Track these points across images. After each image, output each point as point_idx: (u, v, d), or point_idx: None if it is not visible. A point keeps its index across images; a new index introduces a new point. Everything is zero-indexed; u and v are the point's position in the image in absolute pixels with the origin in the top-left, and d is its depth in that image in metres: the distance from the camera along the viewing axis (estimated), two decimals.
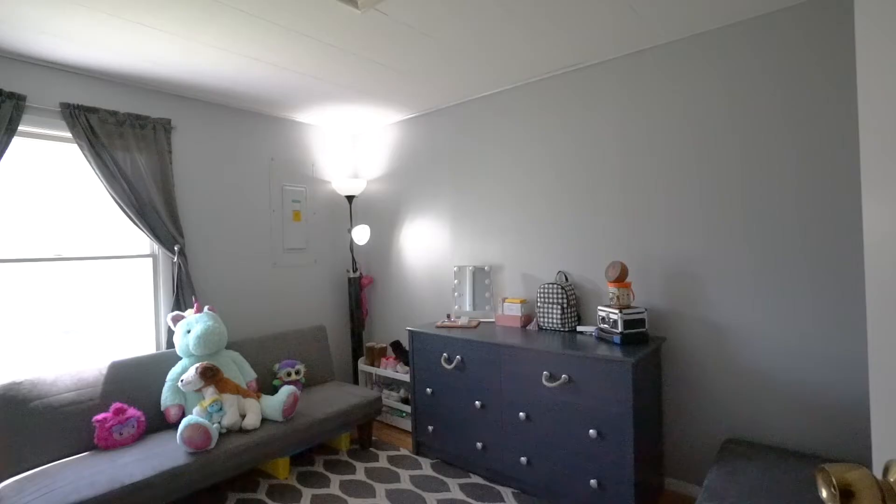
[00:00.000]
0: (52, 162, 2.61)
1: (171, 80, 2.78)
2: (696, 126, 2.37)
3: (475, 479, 2.64)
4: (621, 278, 2.41)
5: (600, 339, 2.45)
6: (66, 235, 2.63)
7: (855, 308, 2.01)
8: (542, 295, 2.76)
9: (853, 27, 1.96)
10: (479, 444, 2.60)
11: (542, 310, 2.76)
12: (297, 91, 3.02)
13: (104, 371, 2.46)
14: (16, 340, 2.46)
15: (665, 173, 2.48)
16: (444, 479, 2.64)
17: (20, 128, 2.44)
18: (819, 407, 2.10)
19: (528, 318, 2.91)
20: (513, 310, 2.90)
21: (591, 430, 2.16)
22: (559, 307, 2.68)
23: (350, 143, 4.10)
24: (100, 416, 2.29)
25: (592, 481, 2.16)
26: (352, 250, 3.86)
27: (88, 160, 2.59)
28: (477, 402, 2.60)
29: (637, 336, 2.33)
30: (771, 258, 2.19)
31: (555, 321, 2.70)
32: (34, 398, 2.23)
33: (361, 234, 3.70)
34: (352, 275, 3.80)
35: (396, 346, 3.50)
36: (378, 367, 3.57)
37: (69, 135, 2.57)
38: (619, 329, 2.32)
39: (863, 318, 1.99)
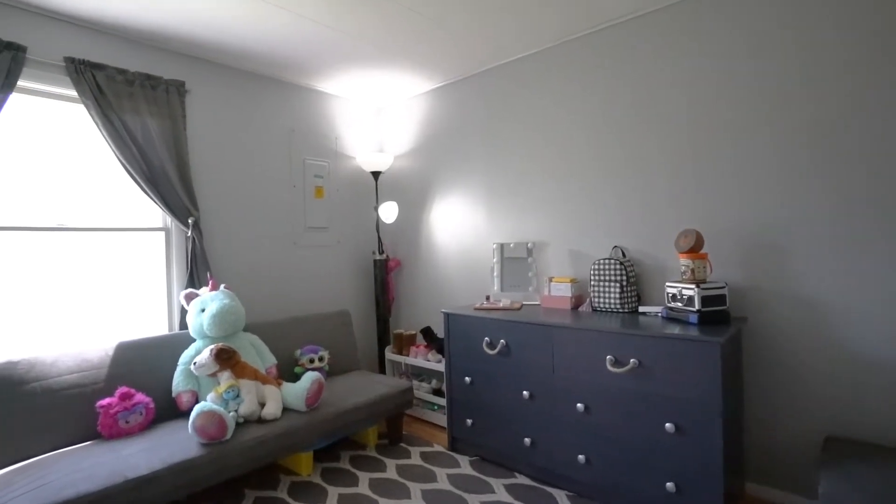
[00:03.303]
0: (55, 123, 2.38)
1: (185, 35, 2.53)
2: (779, 69, 2.02)
3: (521, 479, 2.32)
4: (696, 249, 2.07)
5: (670, 319, 2.12)
6: (71, 204, 2.40)
7: None
8: (596, 272, 2.43)
9: None
10: (526, 440, 2.28)
11: (596, 289, 2.43)
12: (320, 50, 2.75)
13: (110, 352, 2.21)
14: (13, 316, 2.23)
15: (740, 127, 2.13)
16: (486, 478, 2.33)
17: (19, 83, 2.21)
18: None
19: (579, 299, 2.59)
20: (561, 290, 2.58)
21: (667, 424, 1.83)
22: (617, 285, 2.35)
23: (375, 117, 3.83)
24: (104, 402, 2.04)
25: (669, 484, 1.83)
26: (378, 231, 3.57)
27: (95, 121, 2.36)
28: (524, 393, 2.29)
29: (717, 315, 1.98)
30: (879, 221, 1.83)
31: (612, 301, 2.37)
32: (32, 380, 1.99)
33: (389, 212, 3.41)
34: (377, 257, 3.52)
35: (427, 332, 3.20)
36: (407, 355, 3.28)
37: (74, 93, 2.33)
38: (696, 307, 1.98)
39: None
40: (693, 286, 2.00)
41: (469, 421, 2.55)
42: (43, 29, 2.28)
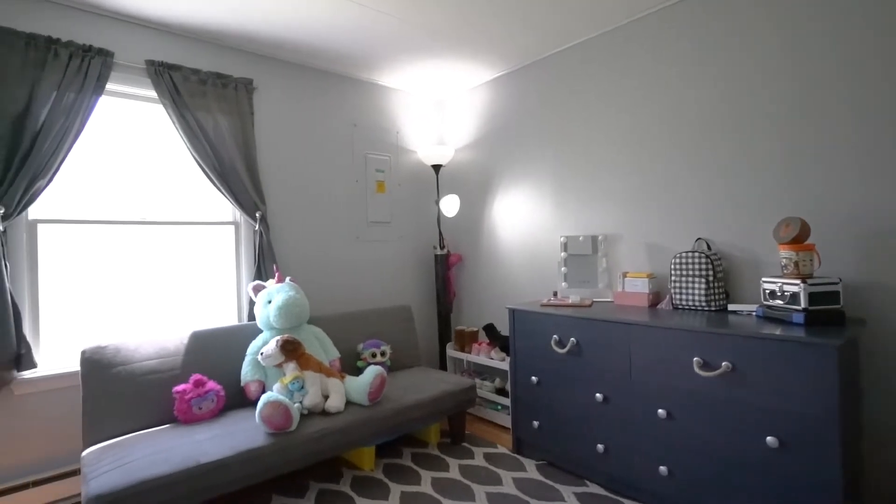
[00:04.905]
0: (137, 124, 2.51)
1: (254, 34, 2.59)
2: None
3: (593, 487, 2.16)
4: (801, 239, 1.82)
5: (768, 318, 1.87)
6: (151, 199, 2.53)
7: None
8: (677, 267, 2.21)
9: None
10: (599, 447, 2.12)
11: (677, 285, 2.21)
12: (384, 42, 2.72)
13: (185, 341, 2.30)
14: (100, 303, 2.37)
15: (859, 102, 1.83)
16: (555, 485, 2.19)
17: (107, 86, 2.35)
18: None
19: (657, 297, 2.37)
20: (637, 286, 2.37)
21: (768, 438, 1.60)
22: (703, 281, 2.12)
23: (435, 110, 3.77)
24: (180, 387, 2.12)
25: None
26: (439, 225, 3.51)
27: (172, 119, 2.47)
28: (597, 395, 2.12)
29: (829, 315, 1.72)
30: None
31: (697, 298, 2.14)
32: (118, 364, 2.10)
33: (450, 205, 3.34)
34: (438, 252, 3.46)
35: (490, 329, 3.10)
36: (469, 352, 3.19)
37: (154, 94, 2.46)
38: (802, 305, 1.73)
39: None
40: (797, 282, 1.75)
41: (535, 423, 2.41)
42: (126, 34, 2.41)
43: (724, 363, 1.72)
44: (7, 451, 2.07)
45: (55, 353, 2.24)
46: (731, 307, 2.09)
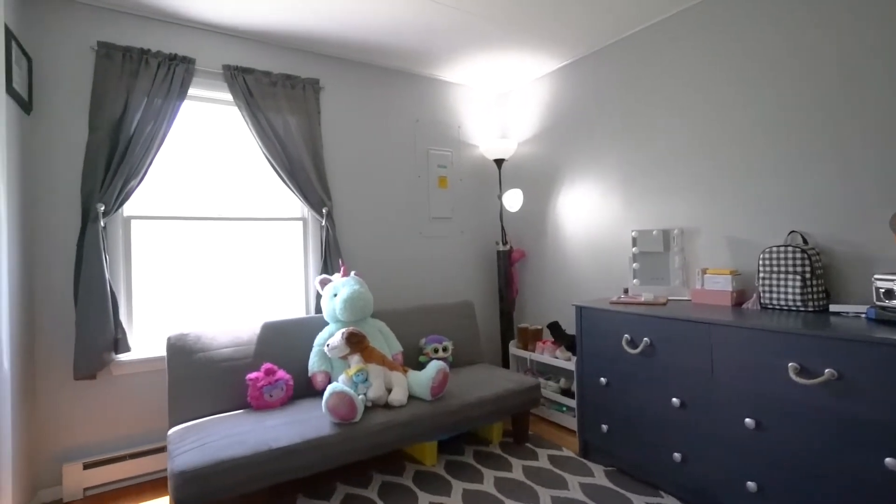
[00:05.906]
0: (214, 125, 2.67)
1: (320, 35, 2.67)
2: None
3: (668, 499, 2.01)
4: None
5: (882, 321, 1.63)
6: (228, 197, 2.67)
7: None
8: (767, 263, 2.00)
9: None
10: (676, 455, 1.96)
11: (767, 282, 2.00)
12: (445, 36, 2.69)
13: (257, 331, 2.41)
14: (184, 293, 2.54)
15: None
16: (626, 493, 2.06)
17: (188, 91, 2.51)
18: None
19: (742, 295, 2.17)
20: (719, 283, 2.18)
21: (887, 459, 1.40)
22: (798, 278, 1.90)
23: (497, 103, 3.70)
24: (252, 375, 2.22)
25: None
26: (501, 220, 3.45)
27: (246, 121, 2.59)
28: (674, 400, 1.97)
29: None
30: None
31: (791, 297, 1.92)
32: (198, 350, 2.24)
33: (513, 200, 3.26)
34: (501, 248, 3.39)
35: (555, 327, 2.99)
36: (532, 351, 3.10)
37: (229, 97, 2.60)
38: None
39: None
40: None
41: (604, 426, 2.29)
42: (206, 42, 2.57)
43: (827, 370, 1.52)
44: (107, 425, 2.28)
45: (145, 338, 2.43)
46: (833, 308, 1.85)
